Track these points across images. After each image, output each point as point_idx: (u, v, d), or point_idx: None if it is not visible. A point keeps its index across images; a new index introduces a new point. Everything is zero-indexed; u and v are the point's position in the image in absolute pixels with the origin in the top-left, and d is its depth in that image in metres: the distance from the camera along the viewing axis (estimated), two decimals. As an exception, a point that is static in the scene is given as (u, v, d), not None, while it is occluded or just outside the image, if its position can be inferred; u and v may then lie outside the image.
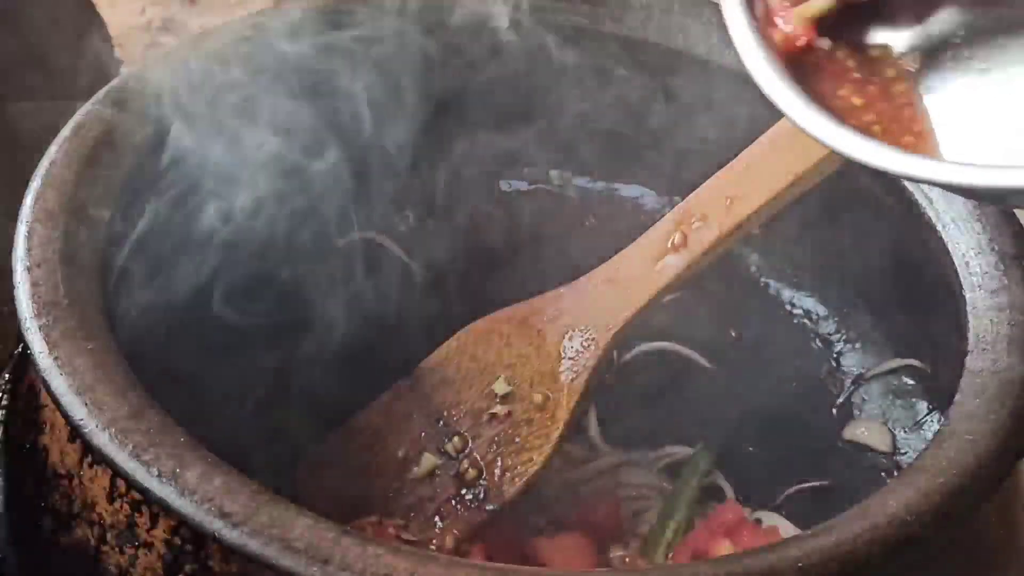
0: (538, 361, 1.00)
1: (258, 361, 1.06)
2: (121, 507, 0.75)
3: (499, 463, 0.99)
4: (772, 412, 1.08)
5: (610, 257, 1.00)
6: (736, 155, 0.97)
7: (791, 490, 1.05)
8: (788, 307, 1.08)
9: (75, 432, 0.74)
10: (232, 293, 1.03)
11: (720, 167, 0.98)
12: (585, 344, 0.98)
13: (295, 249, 1.07)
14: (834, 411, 1.05)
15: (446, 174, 1.12)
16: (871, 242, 0.98)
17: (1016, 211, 0.91)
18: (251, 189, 1.03)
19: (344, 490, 1.02)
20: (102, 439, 0.72)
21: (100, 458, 0.73)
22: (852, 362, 1.04)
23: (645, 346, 1.12)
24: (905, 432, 1.00)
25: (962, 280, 0.88)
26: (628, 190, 1.12)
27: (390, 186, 1.11)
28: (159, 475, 0.71)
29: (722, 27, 0.80)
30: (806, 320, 1.07)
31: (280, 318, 1.06)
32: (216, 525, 0.69)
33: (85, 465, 0.78)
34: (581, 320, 0.99)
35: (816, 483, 1.05)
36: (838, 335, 1.05)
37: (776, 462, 1.07)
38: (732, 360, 1.10)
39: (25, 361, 0.86)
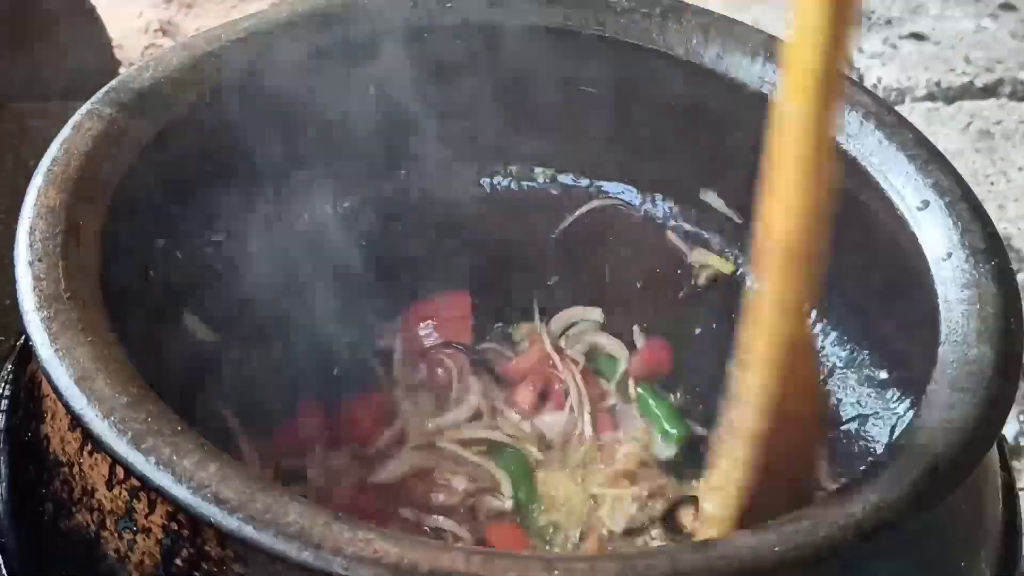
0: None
1: (257, 358, 1.06)
2: (120, 493, 0.76)
3: None
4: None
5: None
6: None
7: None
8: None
9: (75, 421, 0.74)
10: (231, 290, 1.04)
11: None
12: None
13: (294, 248, 1.08)
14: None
15: (432, 171, 1.12)
16: (847, 238, 0.99)
17: (985, 207, 0.92)
18: (250, 187, 1.04)
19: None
20: (101, 428, 0.73)
21: (99, 446, 0.73)
22: (829, 353, 1.04)
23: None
24: (880, 421, 1.01)
25: (934, 275, 0.89)
26: (612, 187, 1.13)
27: (378, 185, 1.12)
28: (157, 463, 0.71)
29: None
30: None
31: (278, 317, 1.06)
32: (212, 511, 0.70)
33: (85, 453, 0.78)
34: None
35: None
36: (816, 326, 1.05)
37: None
38: (708, 351, 1.10)
39: (27, 353, 0.86)
